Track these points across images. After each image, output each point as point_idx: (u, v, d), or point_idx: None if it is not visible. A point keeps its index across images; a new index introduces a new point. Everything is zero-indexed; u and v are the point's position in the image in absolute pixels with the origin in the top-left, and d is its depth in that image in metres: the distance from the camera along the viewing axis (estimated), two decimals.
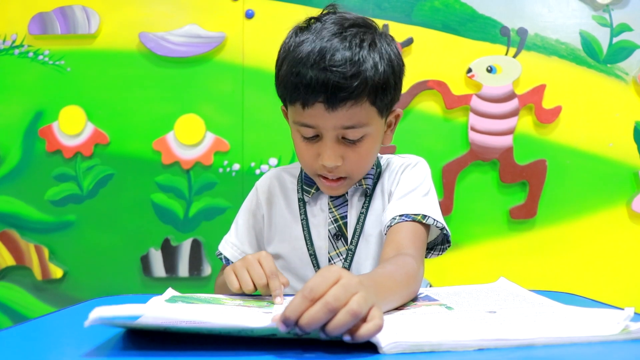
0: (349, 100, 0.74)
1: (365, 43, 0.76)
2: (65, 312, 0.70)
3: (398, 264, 0.70)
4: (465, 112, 1.81)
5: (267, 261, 0.73)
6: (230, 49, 1.83)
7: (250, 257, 0.74)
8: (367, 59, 0.75)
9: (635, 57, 1.80)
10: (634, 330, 0.48)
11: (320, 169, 0.82)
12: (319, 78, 0.73)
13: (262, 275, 0.71)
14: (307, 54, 0.74)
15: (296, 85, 0.75)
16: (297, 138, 0.83)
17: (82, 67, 1.86)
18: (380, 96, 0.77)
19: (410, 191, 0.86)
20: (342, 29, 0.76)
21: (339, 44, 0.74)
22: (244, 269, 0.72)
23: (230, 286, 0.73)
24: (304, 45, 0.76)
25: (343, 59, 0.73)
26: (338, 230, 0.89)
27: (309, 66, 0.74)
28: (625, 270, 1.81)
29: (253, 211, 0.97)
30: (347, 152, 0.80)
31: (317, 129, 0.78)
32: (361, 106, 0.76)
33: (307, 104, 0.75)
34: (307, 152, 0.82)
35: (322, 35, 0.76)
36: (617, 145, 1.81)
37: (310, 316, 0.44)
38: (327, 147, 0.78)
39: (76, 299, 1.82)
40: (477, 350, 0.45)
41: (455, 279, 1.80)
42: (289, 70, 0.77)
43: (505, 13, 1.80)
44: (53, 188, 1.87)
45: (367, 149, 0.81)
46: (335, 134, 0.78)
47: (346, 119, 0.76)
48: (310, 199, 0.91)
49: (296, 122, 0.80)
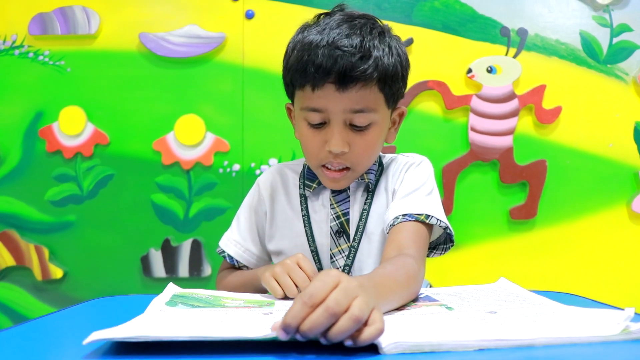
0: (359, 82, 0.75)
1: (375, 32, 0.78)
2: (65, 313, 0.70)
3: (398, 264, 0.70)
4: (465, 113, 1.81)
5: (307, 263, 0.75)
6: (230, 50, 1.83)
7: (289, 261, 0.75)
8: (377, 46, 0.77)
9: (635, 58, 1.80)
10: (634, 331, 0.48)
11: (326, 157, 0.81)
12: (330, 57, 0.74)
13: (306, 279, 0.72)
14: (318, 39, 0.76)
15: (306, 67, 0.76)
16: (303, 127, 0.83)
17: (82, 67, 1.86)
18: (389, 83, 0.79)
19: (413, 190, 0.86)
20: (351, 18, 0.79)
21: (349, 30, 0.76)
22: (285, 274, 0.73)
23: (273, 293, 0.73)
24: (312, 34, 0.78)
25: (354, 43, 0.75)
26: (340, 227, 0.89)
27: (320, 48, 0.75)
28: (626, 271, 1.81)
29: (255, 207, 0.96)
30: (353, 139, 0.80)
31: (325, 114, 0.79)
32: (370, 89, 0.77)
33: (317, 85, 0.76)
34: (313, 141, 0.82)
35: (331, 25, 0.78)
36: (617, 146, 1.81)
37: (312, 322, 0.44)
38: (334, 132, 0.79)
39: (76, 300, 1.82)
40: (477, 350, 0.45)
41: (456, 279, 1.80)
42: (299, 55, 0.78)
43: (505, 13, 1.80)
44: (53, 188, 1.87)
45: (372, 137, 0.81)
46: (344, 118, 0.78)
47: (355, 101, 0.77)
48: (311, 194, 0.91)
49: (304, 107, 0.80)
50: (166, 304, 0.64)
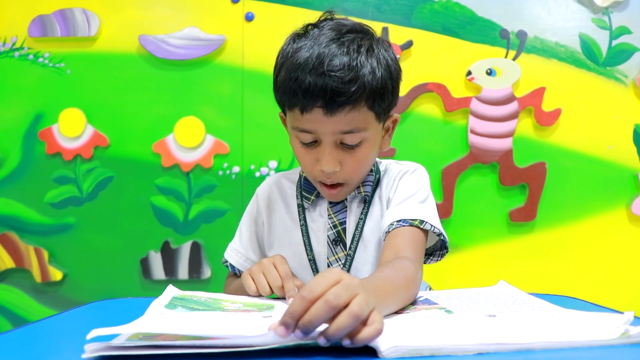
0: (347, 105, 0.74)
1: (363, 48, 0.76)
2: (64, 316, 0.70)
3: (396, 267, 0.70)
4: (465, 115, 1.81)
5: (282, 264, 0.78)
6: (230, 52, 1.84)
7: (266, 261, 0.79)
8: (364, 64, 0.75)
9: (634, 60, 1.80)
10: (633, 335, 0.48)
11: (319, 174, 0.82)
12: (317, 83, 0.73)
13: (278, 278, 0.75)
14: (305, 60, 0.75)
15: (295, 90, 0.75)
16: (296, 144, 0.83)
17: (82, 69, 1.86)
18: (378, 101, 0.78)
19: (408, 197, 0.87)
20: (339, 34, 0.77)
21: (337, 49, 0.75)
22: (260, 272, 0.77)
23: (248, 289, 0.77)
24: (302, 52, 0.76)
25: (341, 64, 0.73)
26: (337, 236, 0.89)
27: (307, 71, 0.74)
28: (625, 273, 1.81)
29: (254, 218, 0.99)
30: (345, 157, 0.80)
31: (315, 134, 0.78)
32: (359, 111, 0.76)
33: (306, 109, 0.76)
34: (306, 158, 0.82)
35: (320, 41, 0.76)
36: (616, 148, 1.81)
37: (311, 315, 0.44)
38: (325, 153, 0.78)
39: (76, 302, 1.82)
40: (476, 354, 0.45)
41: (455, 281, 1.80)
42: (287, 76, 0.77)
43: (504, 16, 1.80)
44: (53, 190, 1.87)
45: (364, 154, 0.81)
46: (334, 139, 0.78)
47: (344, 124, 0.76)
48: (309, 205, 0.92)
49: (295, 127, 0.80)
50: (165, 307, 0.64)
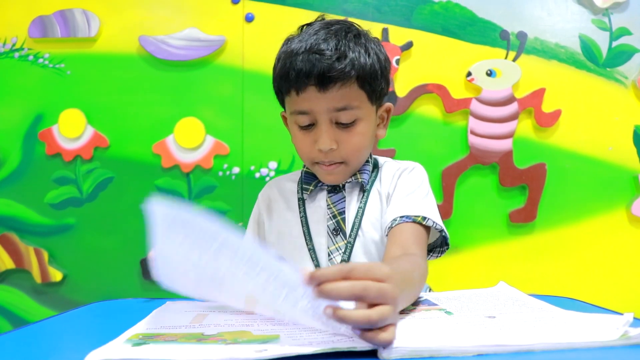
0: (338, 81, 0.80)
1: (350, 35, 0.84)
2: (64, 317, 0.70)
3: (414, 264, 0.71)
4: (464, 116, 1.81)
5: None
6: (230, 53, 1.84)
7: None
8: (353, 48, 0.82)
9: (634, 61, 1.80)
10: (633, 336, 0.48)
11: (317, 155, 0.86)
12: (309, 61, 0.80)
13: None
14: (298, 47, 0.82)
15: (288, 73, 0.82)
16: (294, 130, 0.88)
17: (82, 70, 1.86)
18: (368, 80, 0.83)
19: (409, 193, 0.89)
20: (328, 25, 0.85)
21: (326, 35, 0.83)
22: None
23: None
24: (294, 44, 0.84)
25: (330, 46, 0.81)
26: (337, 226, 0.91)
27: (300, 54, 0.81)
28: (625, 275, 1.81)
29: (257, 219, 1.03)
30: (341, 136, 0.85)
31: (312, 115, 0.84)
32: (350, 87, 0.82)
33: (300, 89, 0.82)
34: (304, 141, 0.87)
35: (310, 32, 0.84)
36: (616, 149, 1.81)
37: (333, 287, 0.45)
38: (322, 132, 0.84)
39: (76, 302, 1.82)
40: (476, 355, 0.45)
41: (455, 282, 1.80)
42: (282, 64, 0.85)
43: (504, 17, 1.80)
44: (53, 191, 1.87)
45: (360, 132, 0.86)
46: (329, 117, 0.83)
47: (337, 100, 0.82)
48: (308, 197, 0.95)
49: (293, 111, 0.86)
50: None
